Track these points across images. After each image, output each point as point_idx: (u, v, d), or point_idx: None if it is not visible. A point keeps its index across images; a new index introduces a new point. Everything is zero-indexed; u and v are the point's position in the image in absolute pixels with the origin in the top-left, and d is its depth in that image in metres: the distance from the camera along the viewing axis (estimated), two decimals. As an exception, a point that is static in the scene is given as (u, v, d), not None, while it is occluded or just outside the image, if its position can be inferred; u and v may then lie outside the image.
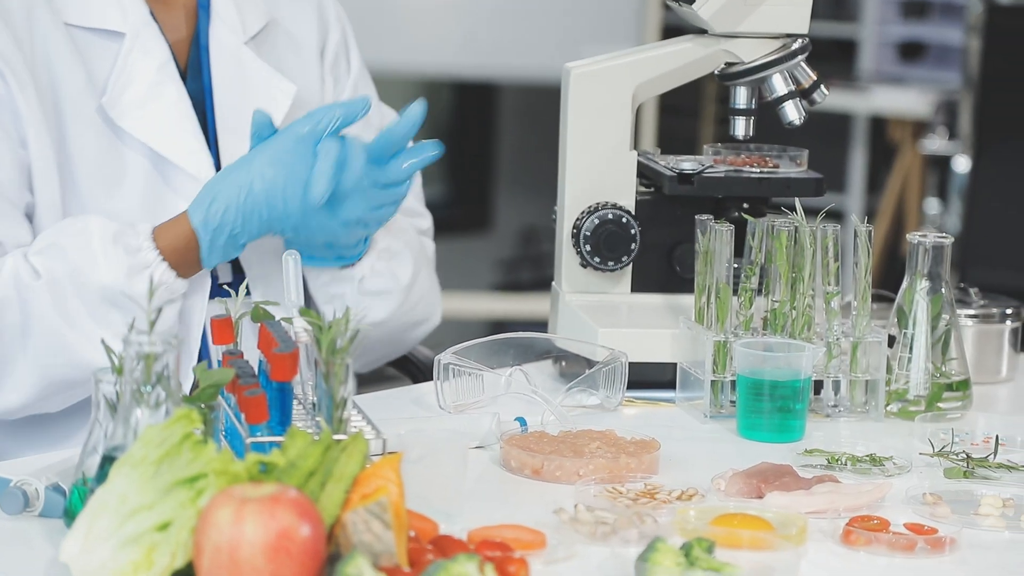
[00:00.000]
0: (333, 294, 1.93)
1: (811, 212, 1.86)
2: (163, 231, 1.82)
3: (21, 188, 1.82)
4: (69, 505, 1.41)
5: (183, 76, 1.91)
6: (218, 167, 1.91)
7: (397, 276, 1.98)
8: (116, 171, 1.85)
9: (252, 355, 1.56)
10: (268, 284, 1.91)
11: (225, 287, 1.86)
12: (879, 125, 5.39)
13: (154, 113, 1.86)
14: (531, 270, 5.34)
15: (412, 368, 2.18)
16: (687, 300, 1.93)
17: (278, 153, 1.80)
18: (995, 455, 1.68)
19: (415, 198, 2.14)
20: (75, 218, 1.81)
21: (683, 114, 5.37)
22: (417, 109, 1.83)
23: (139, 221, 1.83)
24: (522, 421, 1.72)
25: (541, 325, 2.09)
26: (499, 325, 4.50)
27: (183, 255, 1.82)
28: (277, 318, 1.57)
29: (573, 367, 1.93)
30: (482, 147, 5.51)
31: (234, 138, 1.91)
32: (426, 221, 2.14)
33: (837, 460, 1.67)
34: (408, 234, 2.03)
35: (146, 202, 1.86)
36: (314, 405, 1.52)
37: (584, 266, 1.99)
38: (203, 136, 1.89)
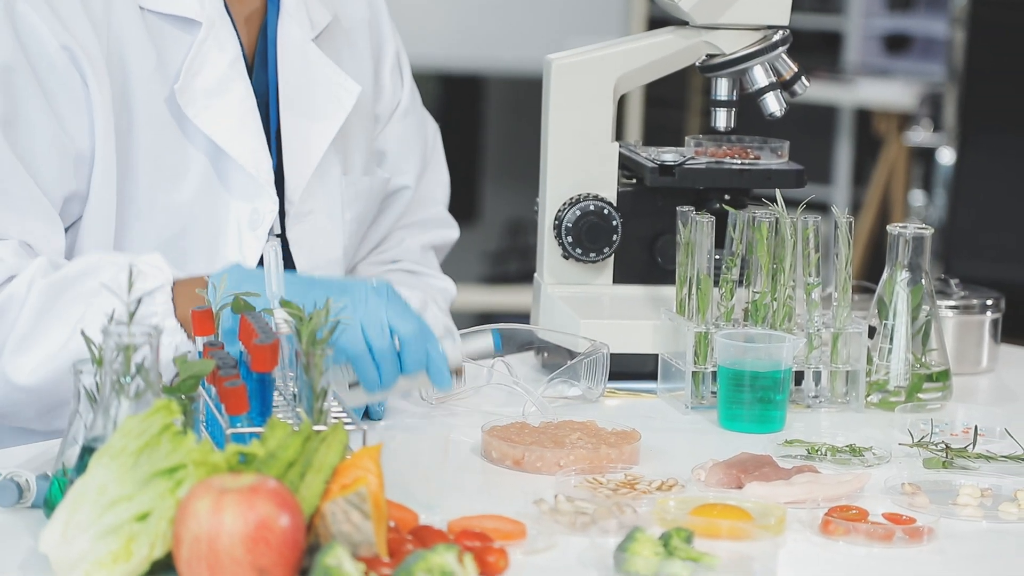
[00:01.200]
0: None
1: (794, 204, 1.87)
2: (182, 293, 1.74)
3: (64, 179, 1.79)
4: (49, 495, 1.41)
5: (249, 69, 1.89)
6: (278, 166, 1.89)
7: None
8: (177, 164, 1.83)
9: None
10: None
11: None
12: (864, 117, 5.40)
13: (220, 108, 1.83)
14: (518, 262, 5.34)
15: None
16: (669, 291, 1.93)
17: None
18: (974, 445, 1.69)
19: (442, 205, 2.13)
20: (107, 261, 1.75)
21: (669, 106, 5.38)
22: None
23: (191, 217, 1.82)
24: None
25: (529, 317, 2.09)
26: (486, 317, 4.50)
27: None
28: (258, 309, 1.57)
29: (555, 358, 1.93)
30: (469, 139, 5.51)
31: (296, 138, 1.89)
32: (454, 232, 2.13)
33: (817, 451, 1.68)
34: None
35: (201, 198, 1.84)
36: (294, 396, 1.52)
37: (566, 257, 1.99)
38: (264, 136, 1.87)
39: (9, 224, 1.76)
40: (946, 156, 4.74)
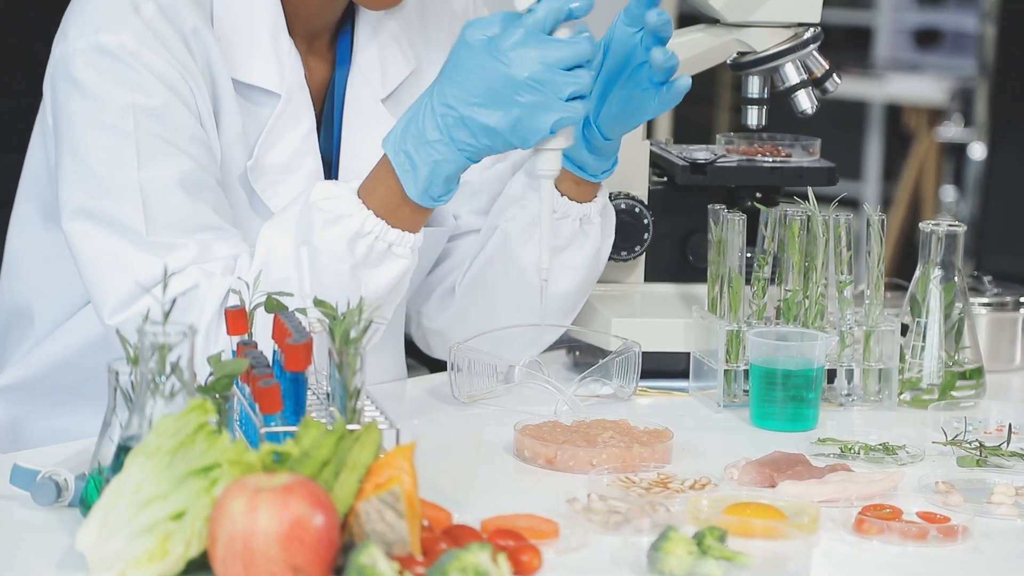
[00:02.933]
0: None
1: (825, 200, 1.86)
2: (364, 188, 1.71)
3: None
4: (85, 494, 1.41)
5: (318, 132, 1.85)
6: None
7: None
8: (242, 231, 1.80)
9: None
10: None
11: None
12: (895, 113, 5.38)
13: (288, 185, 1.80)
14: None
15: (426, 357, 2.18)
16: (700, 289, 1.93)
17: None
18: (1008, 443, 1.68)
19: None
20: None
21: (699, 103, 5.37)
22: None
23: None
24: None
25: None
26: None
27: (385, 198, 1.69)
28: (291, 309, 1.57)
29: (586, 357, 1.93)
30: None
31: None
32: None
33: (850, 449, 1.68)
34: None
35: None
36: (328, 395, 1.52)
37: (597, 256, 1.99)
38: None
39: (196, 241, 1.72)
40: (977, 151, 4.72)
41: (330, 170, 1.88)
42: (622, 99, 1.75)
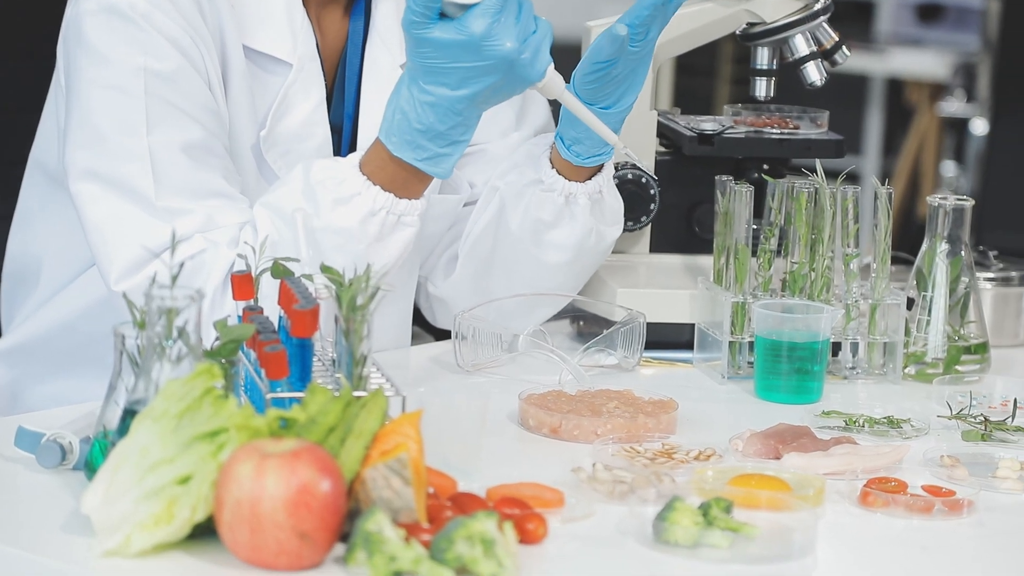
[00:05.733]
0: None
1: (829, 173, 1.86)
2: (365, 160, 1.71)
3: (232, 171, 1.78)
4: (90, 458, 1.41)
5: (328, 101, 1.84)
6: None
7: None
8: (250, 200, 1.78)
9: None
10: None
11: None
12: (896, 87, 5.37)
13: (298, 155, 1.79)
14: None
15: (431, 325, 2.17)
16: (706, 261, 1.92)
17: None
18: (1013, 418, 1.68)
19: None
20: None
21: (699, 74, 5.35)
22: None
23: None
24: None
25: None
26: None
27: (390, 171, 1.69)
28: (297, 275, 1.57)
29: (591, 327, 1.93)
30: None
31: None
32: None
33: (855, 422, 1.67)
34: None
35: None
36: (334, 362, 1.52)
37: (603, 225, 1.98)
38: None
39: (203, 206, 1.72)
40: (979, 127, 4.71)
41: (340, 138, 1.87)
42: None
